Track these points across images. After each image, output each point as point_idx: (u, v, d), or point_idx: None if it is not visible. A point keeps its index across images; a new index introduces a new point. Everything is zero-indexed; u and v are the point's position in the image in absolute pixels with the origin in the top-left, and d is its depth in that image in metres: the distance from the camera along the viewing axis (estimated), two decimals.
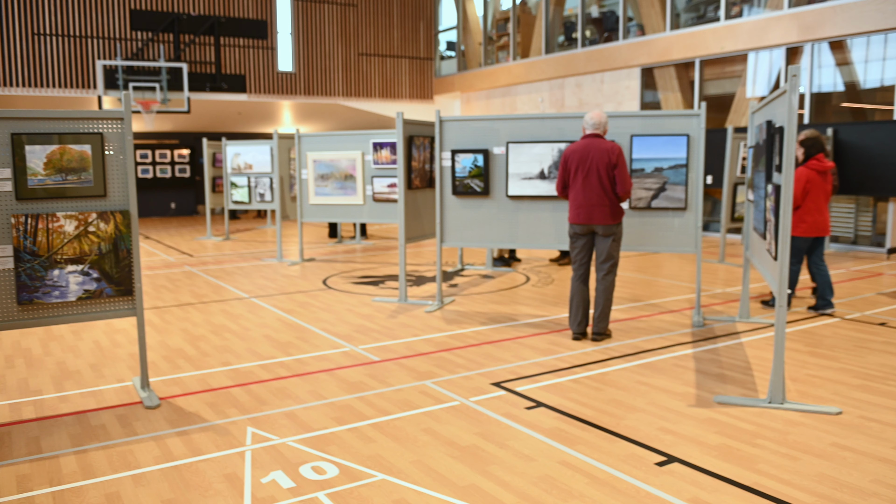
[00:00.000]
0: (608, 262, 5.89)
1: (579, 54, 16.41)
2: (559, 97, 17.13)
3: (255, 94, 18.26)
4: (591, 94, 16.29)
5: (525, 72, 17.92)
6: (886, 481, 3.41)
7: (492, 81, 19.02)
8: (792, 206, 4.22)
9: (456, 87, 20.32)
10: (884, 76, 11.64)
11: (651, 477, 3.46)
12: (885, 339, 6.03)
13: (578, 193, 5.81)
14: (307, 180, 9.92)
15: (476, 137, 6.95)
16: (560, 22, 17.59)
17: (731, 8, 13.57)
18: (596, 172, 5.72)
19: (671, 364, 5.31)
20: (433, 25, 20.95)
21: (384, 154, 9.24)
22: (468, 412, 4.36)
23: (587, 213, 5.79)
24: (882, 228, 11.83)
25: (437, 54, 21.13)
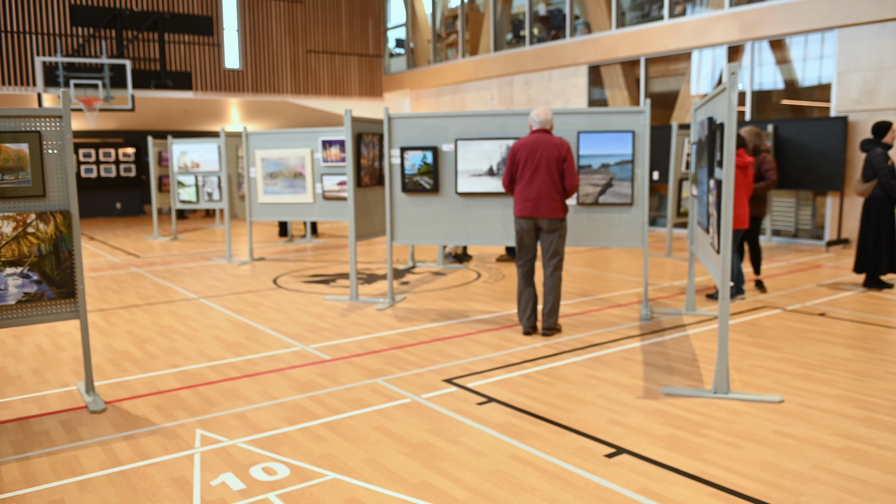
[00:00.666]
0: (555, 258, 5.95)
1: (527, 52, 16.53)
2: (508, 94, 17.24)
3: (201, 91, 17.97)
4: (540, 91, 16.43)
5: (474, 69, 17.99)
6: (826, 466, 3.52)
7: (441, 79, 19.05)
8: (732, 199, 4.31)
9: (405, 84, 20.29)
10: (821, 74, 11.99)
11: (600, 469, 3.51)
12: (824, 329, 6.22)
13: (527, 187, 5.84)
14: (256, 179, 9.80)
15: (425, 135, 6.95)
16: (508, 20, 17.70)
17: (674, 7, 13.82)
18: (546, 166, 5.77)
19: (620, 357, 5.40)
20: (382, 23, 20.88)
21: (333, 152, 9.18)
22: (420, 409, 4.37)
23: (534, 205, 5.82)
24: (821, 222, 12.19)
25: (386, 52, 21.07)
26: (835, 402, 4.43)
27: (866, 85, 11.18)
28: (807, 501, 3.17)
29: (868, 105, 11.15)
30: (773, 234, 12.64)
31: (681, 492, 3.27)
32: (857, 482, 3.35)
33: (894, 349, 5.64)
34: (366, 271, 9.62)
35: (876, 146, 7.83)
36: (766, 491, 3.27)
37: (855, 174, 11.08)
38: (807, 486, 3.31)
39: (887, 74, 10.93)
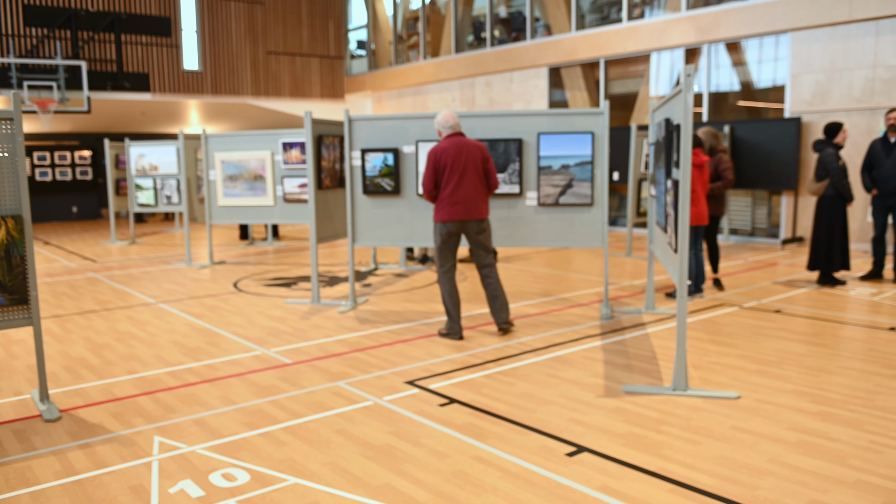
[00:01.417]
0: (489, 255, 6.01)
1: (488, 54, 16.60)
2: (470, 96, 17.29)
3: (159, 93, 17.71)
4: (501, 92, 16.51)
5: (436, 71, 18.00)
6: (781, 460, 3.59)
7: (403, 80, 19.04)
8: (689, 199, 4.38)
9: (367, 86, 20.23)
10: (776, 76, 12.23)
11: (561, 467, 3.54)
12: (779, 326, 6.34)
13: (457, 190, 5.79)
14: (215, 181, 9.69)
15: (386, 136, 6.94)
16: (469, 21, 17.75)
17: (632, 10, 13.99)
18: (473, 168, 5.80)
19: (581, 356, 5.45)
20: (343, 24, 20.80)
21: (294, 154, 9.12)
22: (382, 412, 4.36)
23: (466, 208, 5.82)
24: (776, 220, 12.44)
25: (347, 53, 20.99)
26: (790, 397, 4.52)
27: (819, 87, 11.43)
28: (763, 495, 3.23)
29: (820, 106, 11.40)
30: (730, 233, 12.86)
31: (640, 489, 3.31)
32: (811, 475, 3.42)
33: (847, 344, 5.77)
34: (328, 274, 9.57)
35: (828, 146, 8.01)
36: (724, 486, 3.32)
37: (808, 174, 11.32)
38: (763, 480, 3.37)
39: (838, 76, 11.19)
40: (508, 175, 6.66)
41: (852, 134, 10.83)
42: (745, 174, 11.91)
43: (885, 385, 4.73)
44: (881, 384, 4.75)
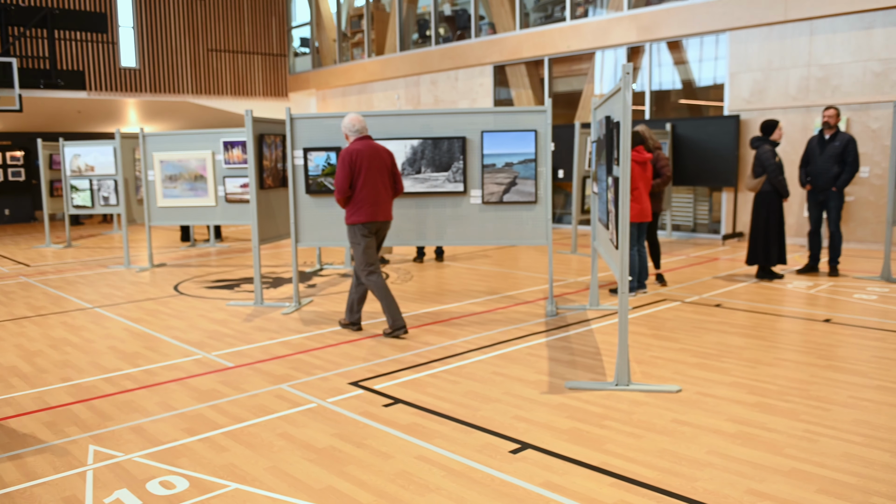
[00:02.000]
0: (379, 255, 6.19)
1: (433, 52, 16.58)
2: (415, 94, 17.25)
3: (95, 91, 17.24)
4: (447, 91, 16.51)
5: (381, 69, 17.92)
6: (720, 451, 3.65)
7: (347, 78, 18.90)
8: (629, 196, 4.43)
9: (311, 84, 20.03)
10: (716, 74, 12.48)
11: (505, 465, 3.54)
12: (720, 320, 6.47)
13: (372, 192, 5.87)
14: (154, 182, 9.46)
15: (328, 135, 6.86)
16: (414, 19, 17.71)
17: (576, 9, 14.13)
18: (386, 170, 5.93)
19: (525, 353, 5.47)
20: (286, 21, 20.54)
21: (235, 153, 8.96)
22: (325, 414, 4.30)
23: (383, 209, 5.95)
24: (717, 216, 12.70)
25: (290, 51, 20.74)
26: (729, 389, 4.60)
27: (756, 85, 11.71)
28: (702, 486, 3.28)
29: (758, 104, 11.68)
30: (672, 229, 13.09)
31: (583, 483, 3.32)
32: (749, 465, 3.49)
33: (784, 337, 5.91)
34: (271, 275, 9.43)
35: (764, 143, 8.20)
36: (664, 478, 3.36)
37: (747, 170, 11.58)
38: (702, 472, 3.42)
39: (775, 75, 11.48)
40: (452, 173, 6.65)
41: (788, 131, 11.12)
42: (686, 171, 12.14)
43: (820, 375, 4.86)
44: (816, 374, 4.88)
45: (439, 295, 7.80)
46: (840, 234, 8.48)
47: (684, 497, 3.18)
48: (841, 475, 3.37)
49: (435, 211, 6.79)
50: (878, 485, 3.27)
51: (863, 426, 3.97)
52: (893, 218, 8.09)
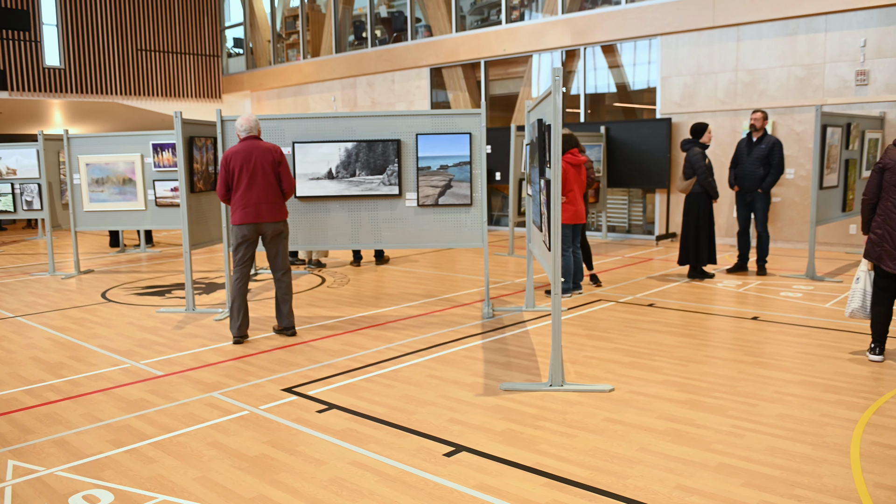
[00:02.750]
0: (284, 260, 6.06)
1: (370, 54, 16.51)
2: (351, 96, 17.14)
3: (17, 91, 16.62)
4: (383, 93, 16.45)
5: (316, 71, 17.75)
6: (650, 448, 3.70)
7: (283, 80, 18.66)
8: (560, 198, 4.47)
9: (245, 85, 19.72)
10: (649, 78, 12.73)
11: (439, 468, 3.52)
12: (652, 319, 6.59)
13: (246, 193, 5.82)
14: (80, 185, 9.16)
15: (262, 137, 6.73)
16: (350, 21, 17.61)
17: (511, 12, 14.24)
18: (262, 171, 5.82)
19: (461, 356, 5.46)
20: (219, 21, 20.18)
21: (166, 156, 8.74)
22: (258, 421, 4.22)
23: (256, 211, 5.83)
24: (651, 217, 12.96)
25: (224, 51, 20.38)
26: (660, 387, 4.68)
27: (686, 89, 11.99)
28: (633, 483, 3.32)
29: (688, 108, 11.96)
30: (608, 231, 13.30)
31: (516, 484, 3.33)
32: (678, 461, 3.55)
33: (714, 335, 6.05)
34: (204, 280, 9.23)
35: (694, 146, 8.39)
36: (596, 476, 3.39)
37: (679, 172, 11.84)
38: (633, 469, 3.47)
39: (704, 79, 11.77)
40: (388, 176, 6.61)
41: (718, 134, 11.41)
42: (620, 173, 12.35)
43: (747, 372, 4.99)
44: (743, 371, 5.00)
45: (376, 298, 7.75)
46: (767, 234, 8.73)
47: (615, 495, 3.22)
48: (765, 468, 3.46)
49: (370, 214, 6.74)
50: (800, 477, 3.37)
51: (787, 420, 4.08)
52: (817, 218, 8.37)
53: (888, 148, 5.12)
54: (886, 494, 3.20)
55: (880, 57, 10.15)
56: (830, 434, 3.87)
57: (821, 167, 8.29)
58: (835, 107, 10.36)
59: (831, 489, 3.25)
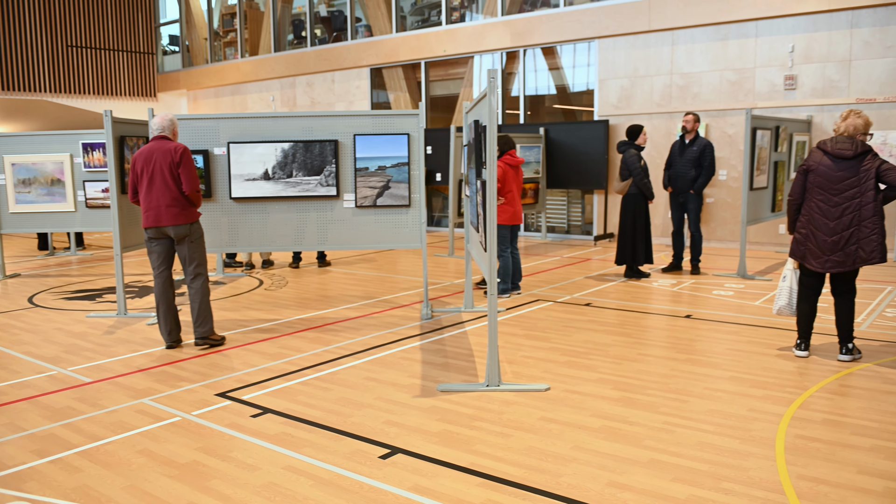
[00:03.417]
0: (192, 265, 5.75)
1: (309, 53, 16.35)
2: (291, 96, 16.95)
3: None
4: (323, 93, 16.32)
5: (254, 70, 17.50)
6: (584, 446, 3.75)
7: (220, 79, 18.34)
8: (496, 199, 4.49)
9: (182, 84, 19.32)
10: (588, 80, 12.91)
11: (374, 471, 3.50)
12: (589, 318, 6.68)
13: (147, 196, 5.64)
14: (5, 186, 8.84)
15: (195, 137, 6.61)
16: (289, 20, 17.41)
17: (451, 13, 14.27)
18: (161, 174, 5.57)
19: (399, 358, 5.45)
20: (154, 17, 19.72)
21: (97, 156, 8.50)
22: (190, 427, 4.13)
23: (156, 215, 5.61)
24: (590, 218, 13.14)
25: (159, 49, 19.93)
26: (595, 385, 4.75)
27: (623, 91, 12.20)
28: (566, 481, 3.35)
29: (625, 110, 12.17)
30: (548, 231, 13.44)
31: (451, 485, 3.33)
32: (611, 458, 3.60)
33: (648, 333, 6.17)
34: (137, 284, 9.00)
35: (630, 147, 8.54)
36: (530, 475, 3.42)
37: (616, 173, 12.04)
38: (567, 467, 3.51)
39: (640, 82, 12.00)
40: (325, 177, 6.55)
41: (653, 136, 11.64)
42: (559, 174, 12.49)
43: (679, 369, 5.09)
44: (676, 368, 5.11)
45: (314, 301, 7.67)
46: (700, 234, 8.94)
47: (549, 493, 3.25)
48: (695, 463, 3.54)
49: (308, 215, 6.68)
50: (727, 470, 3.45)
51: (716, 416, 4.18)
52: (748, 218, 8.61)
53: (812, 150, 5.29)
54: (808, 485, 3.30)
55: (807, 62, 10.50)
56: (757, 428, 3.98)
57: (751, 169, 8.52)
58: (765, 110, 10.68)
59: (757, 482, 3.34)
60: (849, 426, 4.01)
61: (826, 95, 10.39)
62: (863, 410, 4.26)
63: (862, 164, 5.01)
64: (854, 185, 5.01)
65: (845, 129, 5.11)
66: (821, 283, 5.32)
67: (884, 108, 9.93)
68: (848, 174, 5.03)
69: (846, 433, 3.91)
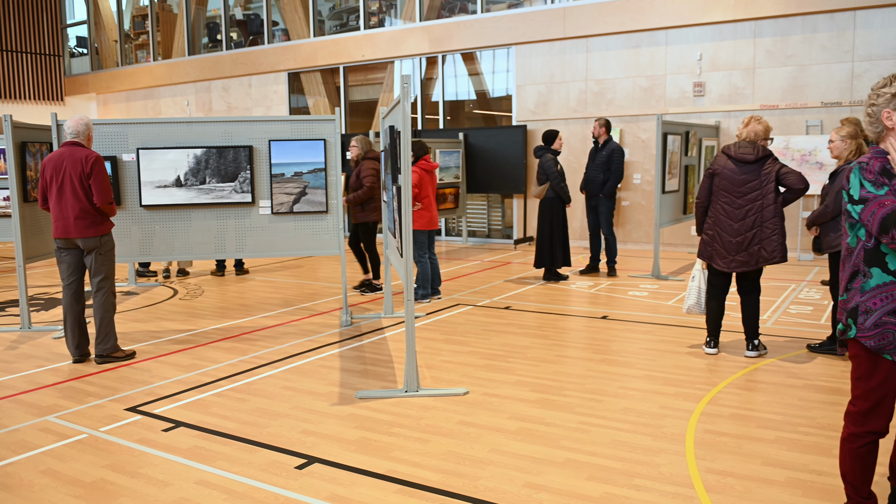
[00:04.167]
0: (98, 277, 5.52)
1: (225, 56, 16.03)
2: (206, 100, 16.58)
3: None
4: (240, 97, 16.02)
5: (168, 73, 17.04)
6: (501, 449, 3.78)
7: (132, 82, 17.79)
8: (412, 204, 4.49)
9: (91, 87, 18.64)
10: (508, 86, 13.06)
11: (290, 481, 3.44)
12: (508, 322, 6.75)
13: (56, 206, 5.40)
14: None
15: (102, 143, 6.38)
16: (204, 22, 17.02)
17: (370, 18, 14.23)
18: (70, 183, 5.32)
19: (317, 366, 5.38)
20: (60, 18, 18.97)
21: None
22: (98, 444, 3.97)
23: (64, 226, 5.38)
24: (510, 222, 13.30)
25: (66, 51, 19.17)
26: (513, 388, 4.79)
27: (540, 97, 12.40)
28: (483, 484, 3.37)
29: (542, 115, 12.37)
30: (468, 235, 13.53)
31: (369, 493, 3.31)
32: (528, 459, 3.64)
33: (566, 334, 6.27)
34: (43, 296, 8.62)
35: (547, 152, 8.68)
36: (448, 480, 3.42)
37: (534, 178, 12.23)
38: (484, 470, 3.53)
39: (557, 88, 12.21)
40: (239, 183, 6.43)
41: (570, 140, 11.86)
42: (479, 179, 12.59)
43: (595, 369, 5.20)
44: (592, 369, 5.21)
45: (231, 310, 7.50)
46: (613, 236, 9.14)
47: (466, 497, 3.26)
48: (608, 461, 3.61)
49: (222, 223, 6.53)
50: (639, 467, 3.54)
51: (630, 414, 4.28)
52: (661, 220, 8.86)
53: (717, 155, 5.49)
54: (716, 478, 3.41)
55: (715, 70, 10.90)
56: (668, 425, 4.10)
57: (663, 172, 8.78)
58: (675, 116, 11.02)
59: (668, 477, 3.43)
60: (755, 420, 4.17)
61: (732, 102, 10.81)
62: (768, 404, 4.43)
63: (763, 168, 5.23)
64: (756, 187, 5.22)
65: (747, 135, 5.32)
66: (728, 283, 5.52)
67: (786, 113, 10.40)
68: (750, 177, 5.24)
69: (752, 426, 4.06)
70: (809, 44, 10.20)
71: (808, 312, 6.90)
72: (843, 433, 2.80)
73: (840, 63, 10.03)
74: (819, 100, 10.18)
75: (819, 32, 10.12)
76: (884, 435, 2.70)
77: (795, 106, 10.32)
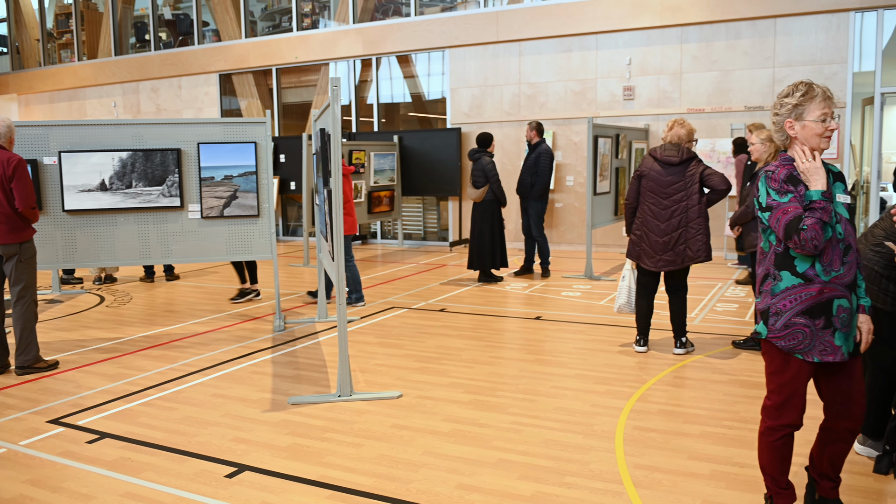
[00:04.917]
0: (18, 286, 5.33)
1: (153, 57, 15.66)
2: (135, 102, 16.16)
3: None
4: (169, 99, 15.67)
5: (94, 74, 16.54)
6: (435, 451, 3.79)
7: (55, 83, 17.21)
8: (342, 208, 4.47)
9: (11, 88, 17.96)
10: (443, 88, 13.10)
11: (220, 491, 3.38)
12: (443, 324, 6.76)
13: None
14: None
15: (22, 146, 6.15)
16: (131, 22, 16.60)
17: (303, 19, 14.10)
18: None
19: (249, 372, 5.30)
20: None
21: None
22: (17, 459, 3.83)
23: None
24: (445, 224, 13.34)
25: None
26: (447, 390, 4.81)
27: (474, 100, 12.48)
28: (416, 487, 3.38)
29: (477, 118, 12.45)
30: (404, 238, 13.52)
31: (300, 500, 3.28)
32: (461, 461, 3.66)
33: (500, 336, 6.33)
34: None
35: (484, 155, 8.74)
36: (381, 484, 3.42)
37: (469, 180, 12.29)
38: (416, 473, 3.53)
39: (491, 91, 12.31)
40: (167, 187, 6.29)
41: (503, 143, 11.97)
42: (414, 181, 12.60)
43: (528, 369, 5.25)
44: (525, 369, 5.27)
45: (160, 316, 7.33)
46: (544, 237, 9.24)
47: (399, 500, 3.26)
48: (540, 460, 3.66)
49: (150, 228, 6.38)
50: (570, 465, 3.60)
51: (562, 413, 4.35)
52: (593, 222, 9.01)
53: (644, 157, 5.62)
54: (644, 473, 3.49)
55: (643, 74, 11.15)
56: (599, 423, 4.17)
57: (594, 175, 8.94)
58: (606, 119, 11.23)
59: (597, 474, 3.50)
60: (682, 415, 4.28)
61: (661, 105, 11.08)
62: (694, 400, 4.56)
63: (688, 170, 5.38)
64: (681, 189, 5.36)
65: (671, 138, 5.47)
66: (656, 282, 5.65)
67: (712, 117, 10.71)
68: (675, 179, 5.38)
69: (679, 422, 4.17)
70: (733, 50, 10.53)
71: (734, 310, 7.12)
72: (760, 427, 2.90)
73: (762, 69, 10.38)
74: (743, 104, 10.52)
75: (742, 39, 10.46)
76: (798, 428, 2.81)
77: (720, 110, 10.63)
